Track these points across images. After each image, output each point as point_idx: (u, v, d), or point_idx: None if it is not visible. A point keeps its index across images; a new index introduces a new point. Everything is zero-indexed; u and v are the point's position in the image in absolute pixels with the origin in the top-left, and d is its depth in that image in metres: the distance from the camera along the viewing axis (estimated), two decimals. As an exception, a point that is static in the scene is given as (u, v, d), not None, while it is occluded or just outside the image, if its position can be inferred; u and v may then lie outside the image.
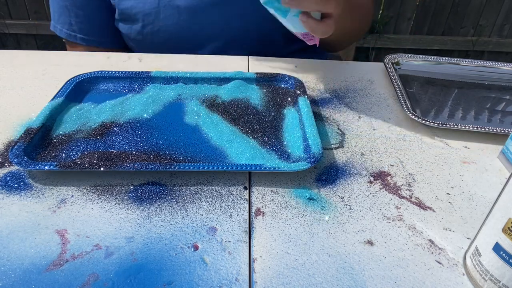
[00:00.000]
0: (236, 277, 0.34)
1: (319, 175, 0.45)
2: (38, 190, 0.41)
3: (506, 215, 0.30)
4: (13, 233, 0.37)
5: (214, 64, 0.67)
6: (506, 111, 0.59)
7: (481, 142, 0.52)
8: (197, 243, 0.37)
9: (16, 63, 0.64)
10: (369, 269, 0.35)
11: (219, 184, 0.43)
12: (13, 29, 2.15)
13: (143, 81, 0.58)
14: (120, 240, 0.37)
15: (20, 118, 0.52)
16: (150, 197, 0.41)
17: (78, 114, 0.51)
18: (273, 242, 0.37)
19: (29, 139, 0.45)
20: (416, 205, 0.42)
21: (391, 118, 0.56)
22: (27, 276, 0.33)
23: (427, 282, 0.34)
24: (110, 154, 0.45)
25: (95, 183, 0.42)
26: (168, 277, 0.34)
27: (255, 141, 0.48)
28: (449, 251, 0.37)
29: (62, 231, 0.37)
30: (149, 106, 0.54)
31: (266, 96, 0.57)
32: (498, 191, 0.41)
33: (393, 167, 0.47)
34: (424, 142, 0.51)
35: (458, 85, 0.65)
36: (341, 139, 0.51)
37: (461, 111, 0.58)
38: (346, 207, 0.41)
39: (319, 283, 0.34)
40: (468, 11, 2.15)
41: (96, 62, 0.66)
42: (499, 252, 0.31)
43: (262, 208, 0.41)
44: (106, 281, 0.33)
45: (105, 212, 0.39)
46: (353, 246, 0.37)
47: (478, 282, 0.33)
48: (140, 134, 0.49)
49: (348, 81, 0.65)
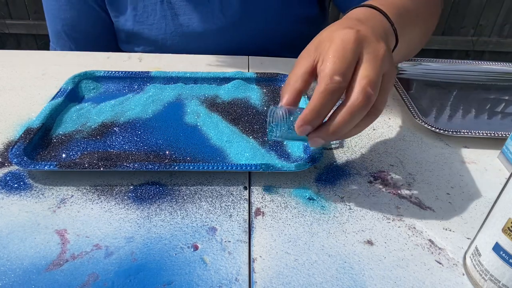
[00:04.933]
0: (236, 277, 0.34)
1: (319, 175, 0.45)
2: (38, 190, 0.41)
3: (506, 215, 0.30)
4: (13, 233, 0.37)
5: (214, 64, 0.67)
6: (506, 112, 0.59)
7: (481, 142, 0.52)
8: (197, 243, 0.37)
9: (16, 63, 0.64)
10: (369, 269, 0.35)
11: (219, 184, 0.43)
12: (13, 29, 2.15)
13: (143, 81, 0.58)
14: (120, 240, 0.37)
15: (20, 118, 0.52)
16: (150, 197, 0.41)
17: (78, 114, 0.51)
18: (273, 242, 0.37)
19: (29, 139, 0.45)
20: (416, 205, 0.42)
21: (391, 118, 0.56)
22: (27, 276, 0.33)
23: (427, 282, 0.34)
24: (110, 154, 0.45)
25: (95, 183, 0.42)
26: (168, 277, 0.34)
27: (255, 141, 0.48)
28: (449, 251, 0.37)
29: (62, 231, 0.37)
30: (149, 106, 0.54)
31: (266, 96, 0.57)
32: (498, 191, 0.41)
33: (393, 167, 0.47)
34: (424, 142, 0.51)
35: (458, 87, 0.65)
36: (341, 139, 0.51)
37: (461, 112, 0.58)
38: (346, 207, 0.41)
39: (319, 283, 0.34)
40: (468, 11, 2.15)
41: (96, 62, 0.66)
42: (499, 252, 0.31)
43: (262, 208, 0.41)
44: (106, 281, 0.33)
45: (105, 212, 0.39)
46: (353, 246, 0.37)
47: (478, 282, 0.33)
48: (140, 134, 0.49)
49: (348, 81, 0.64)
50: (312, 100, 0.36)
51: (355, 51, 0.36)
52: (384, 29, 0.42)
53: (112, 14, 0.71)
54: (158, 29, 0.70)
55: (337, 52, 0.36)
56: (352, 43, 0.36)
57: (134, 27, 0.70)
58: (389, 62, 0.38)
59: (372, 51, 0.37)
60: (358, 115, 0.36)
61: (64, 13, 0.71)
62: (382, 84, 0.37)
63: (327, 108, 0.36)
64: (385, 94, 0.38)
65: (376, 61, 0.36)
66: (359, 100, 0.35)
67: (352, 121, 0.36)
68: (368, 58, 0.36)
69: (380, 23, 0.42)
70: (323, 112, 0.36)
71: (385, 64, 0.37)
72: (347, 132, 0.37)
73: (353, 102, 0.35)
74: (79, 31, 0.73)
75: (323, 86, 0.35)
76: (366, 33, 0.38)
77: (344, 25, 0.39)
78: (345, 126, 0.36)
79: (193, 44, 0.71)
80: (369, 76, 0.35)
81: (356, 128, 0.38)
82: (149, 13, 0.69)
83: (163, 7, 0.68)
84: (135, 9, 0.69)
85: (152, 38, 0.71)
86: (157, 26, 0.70)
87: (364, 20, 0.41)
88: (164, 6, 0.68)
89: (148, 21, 0.70)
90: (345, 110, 0.36)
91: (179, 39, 0.71)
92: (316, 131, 0.37)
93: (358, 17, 0.42)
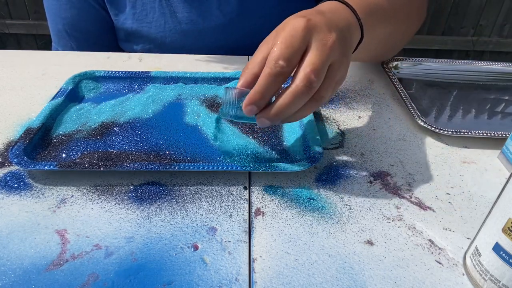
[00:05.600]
0: (236, 277, 0.34)
1: (319, 175, 0.45)
2: (38, 190, 0.41)
3: (506, 215, 0.30)
4: (13, 233, 0.37)
5: (214, 64, 0.67)
6: (506, 112, 0.59)
7: (481, 142, 0.52)
8: (197, 243, 0.37)
9: (16, 63, 0.64)
10: (369, 269, 0.35)
11: (219, 184, 0.43)
12: (13, 29, 2.15)
13: (143, 81, 0.58)
14: (120, 240, 0.37)
15: (20, 118, 0.52)
16: (150, 197, 0.41)
17: (78, 114, 0.51)
18: (273, 242, 0.37)
19: (29, 139, 0.45)
20: (416, 205, 0.42)
21: (391, 118, 0.56)
22: (27, 276, 0.33)
23: (427, 282, 0.34)
24: (110, 154, 0.45)
25: (95, 183, 0.42)
26: (168, 277, 0.34)
27: (255, 141, 0.48)
28: (449, 251, 0.37)
29: (62, 231, 0.37)
30: (149, 106, 0.54)
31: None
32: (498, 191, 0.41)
33: (393, 167, 0.47)
34: (424, 142, 0.51)
35: (457, 86, 0.65)
36: (341, 139, 0.51)
37: (461, 112, 0.58)
38: (346, 207, 0.41)
39: (319, 283, 0.34)
40: (468, 11, 2.15)
41: (96, 62, 0.66)
42: (499, 252, 0.31)
43: (262, 208, 0.41)
44: (106, 281, 0.33)
45: (105, 212, 0.39)
46: (353, 246, 0.37)
47: (478, 282, 0.33)
48: (140, 134, 0.49)
49: (348, 81, 0.64)
50: (258, 82, 0.38)
51: (303, 38, 0.38)
52: (347, 22, 0.43)
53: (111, 12, 0.71)
54: (157, 27, 0.70)
55: (285, 38, 0.38)
56: (301, 31, 0.38)
57: (133, 25, 0.70)
58: (339, 53, 0.39)
59: (320, 39, 0.38)
60: (299, 99, 0.38)
61: (64, 12, 0.71)
62: (328, 73, 0.39)
63: (270, 90, 0.38)
64: (331, 82, 0.40)
65: (323, 50, 0.38)
66: (301, 85, 0.37)
67: (294, 104, 0.38)
68: (316, 46, 0.38)
69: (343, 16, 0.43)
70: (267, 94, 0.38)
71: (334, 54, 0.39)
72: (292, 115, 0.40)
73: (295, 87, 0.38)
74: (80, 30, 0.73)
75: (267, 70, 0.38)
76: (317, 22, 0.39)
77: (300, 15, 0.40)
78: (287, 109, 0.38)
79: (192, 42, 0.72)
80: (313, 64, 0.37)
81: (300, 112, 0.40)
82: (148, 11, 0.69)
83: (162, 4, 0.69)
84: (134, 7, 0.69)
85: (151, 36, 0.71)
86: (156, 23, 0.70)
87: (326, 12, 0.42)
88: (162, 4, 0.69)
89: (147, 19, 0.70)
90: (287, 93, 0.38)
91: (178, 37, 0.71)
92: (262, 112, 0.39)
93: (321, 9, 0.43)
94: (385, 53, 0.67)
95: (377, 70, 0.68)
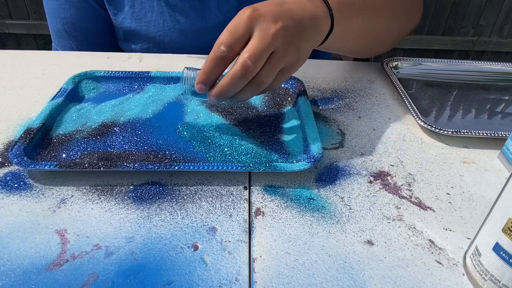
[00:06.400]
0: (236, 277, 0.34)
1: (319, 175, 0.45)
2: (38, 190, 0.41)
3: (506, 215, 0.30)
4: (13, 233, 0.37)
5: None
6: (506, 112, 0.59)
7: (481, 142, 0.52)
8: (197, 243, 0.37)
9: (16, 63, 0.64)
10: (369, 269, 0.35)
11: (219, 184, 0.43)
12: (13, 29, 2.15)
13: (143, 81, 0.58)
14: (120, 240, 0.37)
15: (20, 118, 0.52)
16: (150, 197, 0.41)
17: (78, 114, 0.51)
18: (273, 242, 0.37)
19: (29, 139, 0.45)
20: (416, 205, 0.42)
21: (391, 118, 0.56)
22: (27, 276, 0.33)
23: (427, 282, 0.34)
24: (110, 154, 0.45)
25: (95, 183, 0.42)
26: (168, 277, 0.34)
27: (255, 141, 0.48)
28: (449, 251, 0.37)
29: (62, 231, 0.37)
30: (149, 106, 0.54)
31: (266, 96, 0.57)
32: (498, 191, 0.41)
33: (393, 167, 0.47)
34: (424, 142, 0.51)
35: (457, 86, 0.65)
36: (341, 139, 0.51)
37: (461, 112, 0.58)
38: (346, 207, 0.41)
39: (319, 283, 0.34)
40: (468, 11, 2.15)
41: (96, 62, 0.66)
42: (499, 252, 0.31)
43: (262, 208, 0.41)
44: (106, 281, 0.33)
45: (105, 212, 0.39)
46: (353, 246, 0.37)
47: (478, 282, 0.33)
48: (140, 134, 0.49)
49: (348, 81, 0.65)
50: (204, 64, 0.43)
51: (247, 27, 0.42)
52: (309, 13, 0.45)
53: (110, 11, 0.71)
54: (156, 26, 0.70)
55: (230, 26, 0.42)
56: (245, 20, 0.42)
57: (132, 24, 0.70)
58: (284, 42, 0.42)
59: (263, 28, 0.42)
60: (238, 82, 0.42)
61: (64, 12, 0.71)
62: (269, 60, 0.42)
63: (214, 71, 0.43)
64: (273, 68, 0.43)
65: (264, 38, 0.41)
66: (237, 69, 0.41)
67: (233, 86, 0.42)
68: (257, 34, 0.42)
69: (307, 7, 0.45)
70: (211, 75, 0.43)
71: (276, 42, 0.42)
72: (234, 96, 0.44)
73: (233, 70, 0.42)
74: (79, 30, 0.73)
75: (211, 54, 0.42)
76: (263, 12, 0.42)
77: (252, 6, 0.43)
78: (227, 90, 0.43)
79: (191, 41, 0.72)
80: (251, 51, 0.41)
81: (241, 93, 0.44)
82: (147, 10, 0.70)
83: (160, 3, 0.69)
84: (132, 6, 0.69)
85: (150, 35, 0.71)
86: (154, 23, 0.70)
87: (288, 3, 0.45)
88: (161, 3, 0.69)
89: (145, 18, 0.70)
90: (227, 76, 0.42)
91: (177, 36, 0.71)
92: (210, 91, 0.44)
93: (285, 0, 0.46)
94: (372, 47, 0.65)
95: (377, 70, 0.68)
